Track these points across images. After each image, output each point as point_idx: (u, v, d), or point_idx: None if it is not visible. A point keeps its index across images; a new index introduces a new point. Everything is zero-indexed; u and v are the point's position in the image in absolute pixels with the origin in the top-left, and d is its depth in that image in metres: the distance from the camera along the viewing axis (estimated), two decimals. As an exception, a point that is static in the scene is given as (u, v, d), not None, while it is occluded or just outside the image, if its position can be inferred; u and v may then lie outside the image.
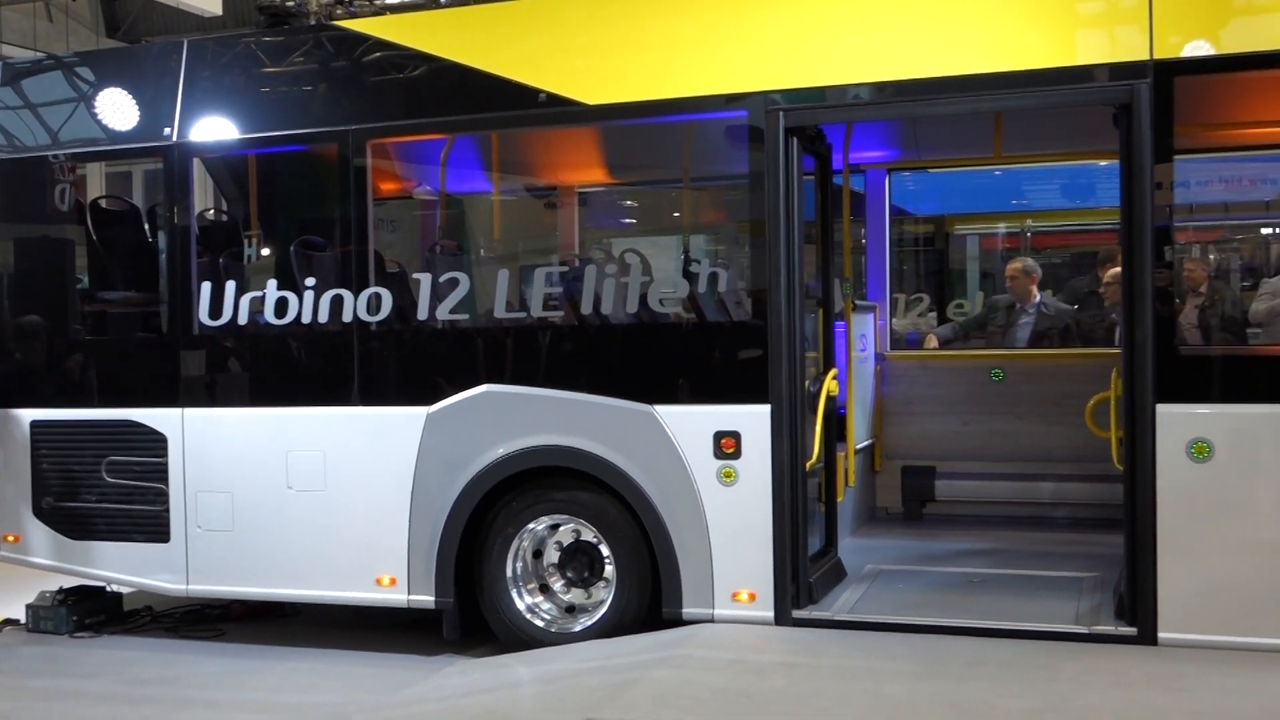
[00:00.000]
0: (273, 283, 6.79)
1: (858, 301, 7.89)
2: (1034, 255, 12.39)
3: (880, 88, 5.87)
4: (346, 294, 6.59)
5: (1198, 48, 5.42)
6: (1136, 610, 5.43)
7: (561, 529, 6.42)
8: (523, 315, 6.51)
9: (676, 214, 8.65)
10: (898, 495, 8.22)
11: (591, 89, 6.32)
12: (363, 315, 6.58)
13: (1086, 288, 9.87)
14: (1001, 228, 12.17)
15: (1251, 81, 5.86)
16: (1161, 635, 5.36)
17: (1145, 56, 5.41)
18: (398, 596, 6.50)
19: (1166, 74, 5.38)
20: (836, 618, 5.94)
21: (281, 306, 6.71)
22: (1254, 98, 6.40)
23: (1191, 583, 5.35)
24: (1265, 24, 5.47)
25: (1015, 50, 5.68)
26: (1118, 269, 6.57)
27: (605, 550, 6.28)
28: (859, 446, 7.62)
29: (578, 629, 6.30)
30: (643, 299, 6.27)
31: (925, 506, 8.19)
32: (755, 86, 6.00)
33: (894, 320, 9.67)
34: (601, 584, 6.34)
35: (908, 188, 10.47)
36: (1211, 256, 10.87)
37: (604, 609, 6.25)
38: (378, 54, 6.71)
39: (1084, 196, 10.59)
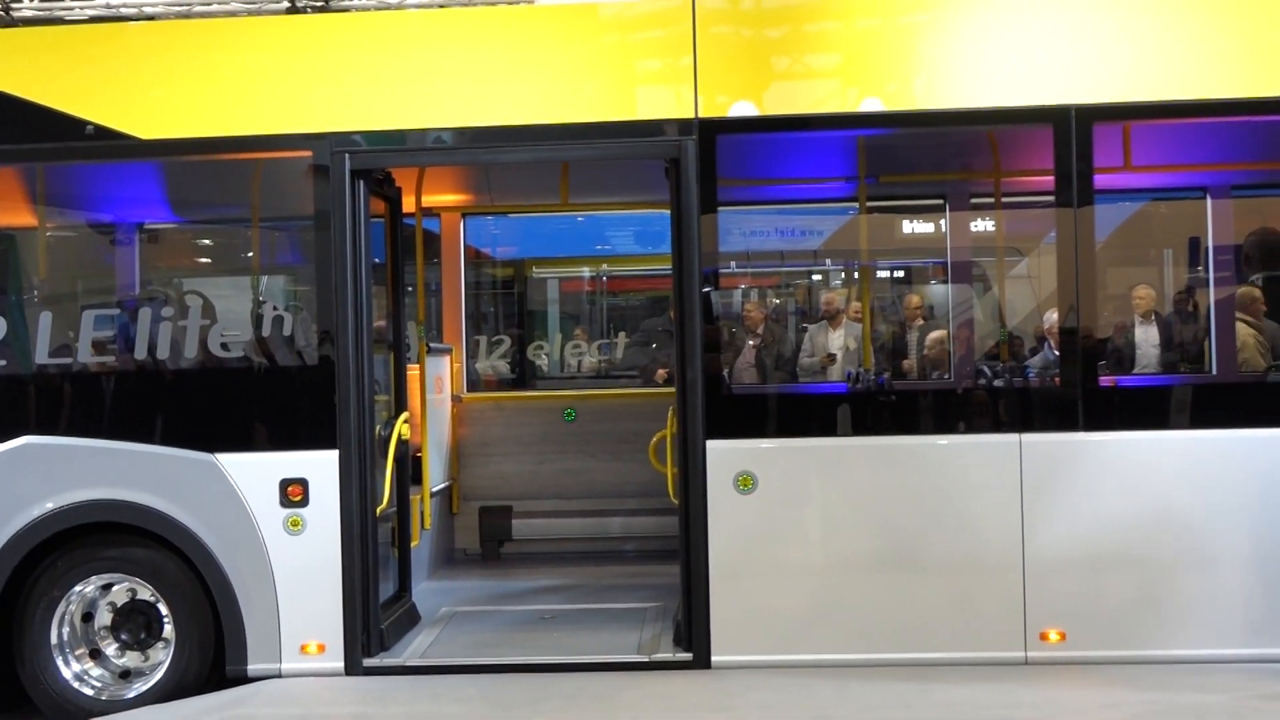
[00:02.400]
0: None
1: (433, 344, 7.91)
2: (609, 298, 12.94)
3: (448, 134, 5.95)
4: None
5: (738, 109, 5.84)
6: (692, 636, 5.73)
7: (115, 589, 5.99)
8: (68, 361, 6.06)
9: (245, 254, 8.36)
10: (476, 536, 8.29)
11: (148, 122, 6.01)
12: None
13: (660, 327, 10.38)
14: (580, 271, 12.62)
15: (787, 141, 6.40)
16: (715, 658, 5.69)
17: (691, 115, 5.78)
18: (-79, 672, 5.85)
19: (710, 132, 5.76)
20: (408, 664, 5.89)
21: None
22: (790, 156, 7.00)
23: (741, 607, 5.71)
24: (798, 89, 5.97)
25: (578, 103, 5.90)
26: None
27: (164, 609, 5.93)
28: (435, 489, 7.62)
29: (131, 695, 5.89)
30: (204, 342, 6.00)
31: (503, 546, 8.30)
32: (322, 127, 5.92)
33: (476, 363, 9.79)
34: (160, 645, 5.98)
35: (490, 231, 10.66)
36: (773, 300, 11.79)
37: (162, 671, 5.88)
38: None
39: (656, 242, 11.16)
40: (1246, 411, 5.69)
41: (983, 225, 7.99)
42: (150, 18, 7.80)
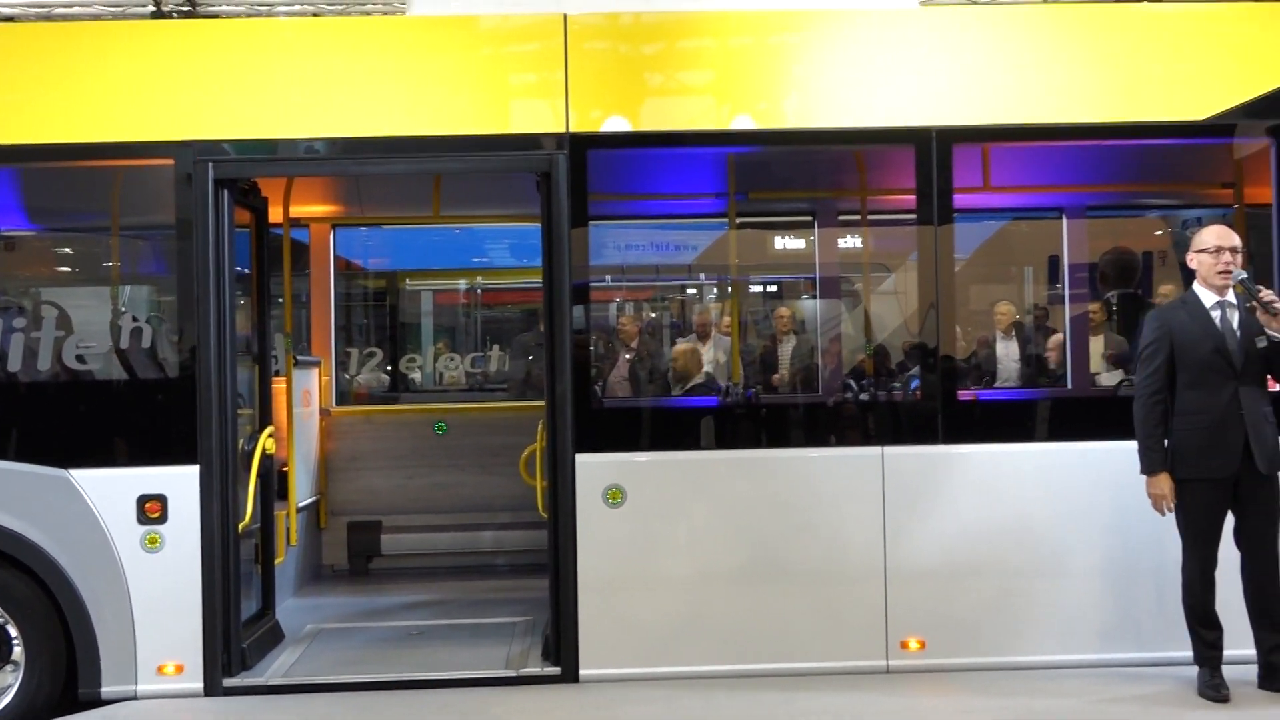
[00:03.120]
0: None
1: (300, 356, 7.78)
2: (484, 311, 12.89)
3: (319, 144, 5.86)
4: None
5: (610, 124, 5.87)
6: (561, 650, 5.73)
7: (-42, 611, 5.76)
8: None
9: (105, 264, 8.14)
10: (344, 552, 8.17)
11: (4, 127, 5.81)
12: None
13: (534, 341, 10.36)
14: (453, 283, 12.54)
15: (659, 157, 6.46)
16: (583, 672, 5.69)
17: (563, 129, 5.80)
18: None
19: (582, 146, 5.78)
20: (270, 683, 5.77)
21: None
22: (662, 171, 7.06)
23: (610, 620, 5.72)
24: (671, 106, 6.02)
25: (450, 115, 5.86)
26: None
27: (13, 631, 5.71)
28: (302, 504, 7.50)
29: (-24, 720, 5.67)
30: (58, 354, 5.82)
31: (372, 561, 8.19)
32: (184, 135, 5.78)
33: (351, 375, 9.67)
34: (9, 668, 5.75)
35: (363, 242, 10.54)
36: (651, 314, 11.86)
37: (9, 696, 5.65)
38: None
39: (532, 255, 11.15)
40: (1099, 424, 5.89)
41: (850, 242, 8.16)
42: (8, 19, 7.58)
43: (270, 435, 6.36)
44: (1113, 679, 5.55)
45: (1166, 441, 5.34)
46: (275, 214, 7.14)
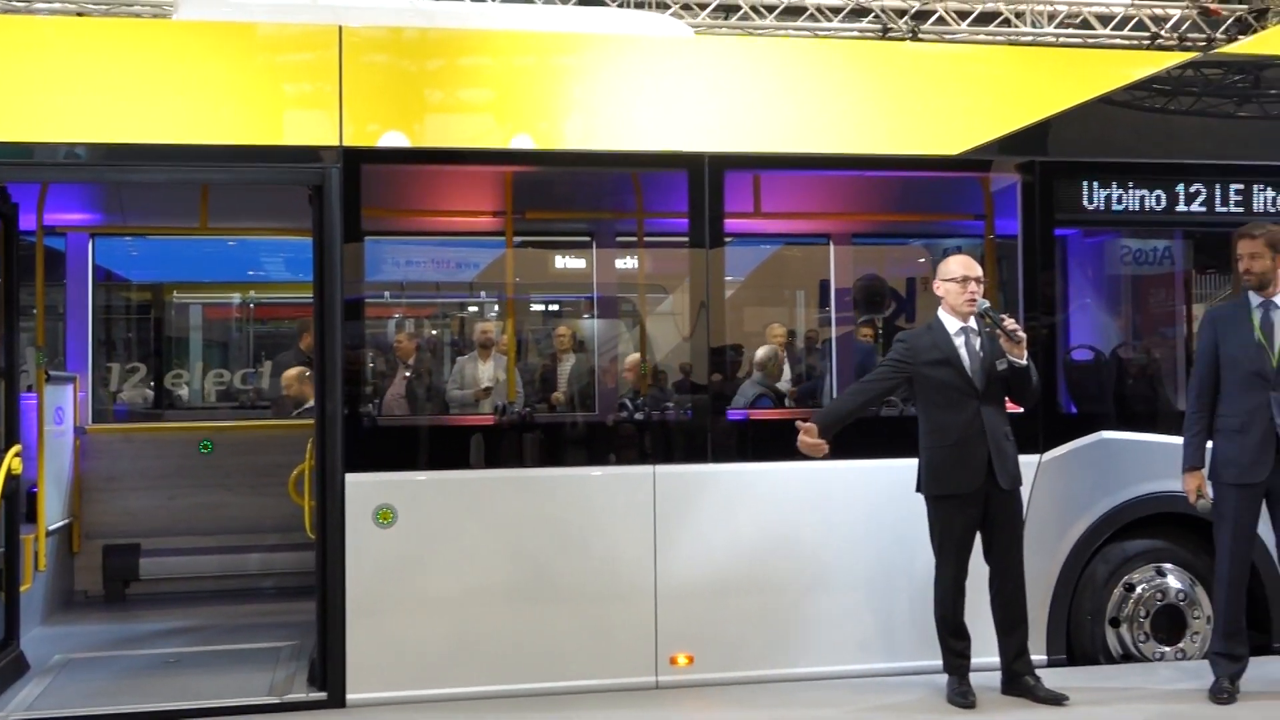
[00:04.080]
0: None
1: (53, 372, 7.39)
2: (257, 326, 12.52)
3: (77, 149, 5.57)
4: None
5: (387, 139, 5.79)
6: (327, 675, 5.59)
7: None
8: None
9: None
10: (99, 577, 7.77)
11: None
12: None
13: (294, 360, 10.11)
14: (225, 297, 12.13)
15: (436, 174, 6.42)
16: (350, 697, 5.56)
17: (335, 142, 5.69)
18: None
19: (355, 160, 5.68)
20: (12, 717, 5.43)
21: None
22: (439, 188, 7.02)
23: (379, 643, 5.62)
24: (449, 123, 5.99)
25: (220, 124, 5.66)
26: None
27: None
28: (52, 527, 7.10)
29: None
30: None
31: (129, 587, 7.82)
32: (-77, 136, 5.43)
33: (114, 391, 9.23)
34: None
35: (127, 253, 10.08)
36: (429, 331, 11.74)
37: None
38: None
39: (307, 270, 10.89)
40: (860, 443, 6.12)
41: (627, 263, 8.27)
42: None
43: (16, 455, 6.00)
44: (870, 689, 5.77)
45: (921, 460, 5.60)
46: (29, 221, 6.75)
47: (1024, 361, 5.50)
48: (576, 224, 8.09)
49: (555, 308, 10.84)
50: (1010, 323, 5.48)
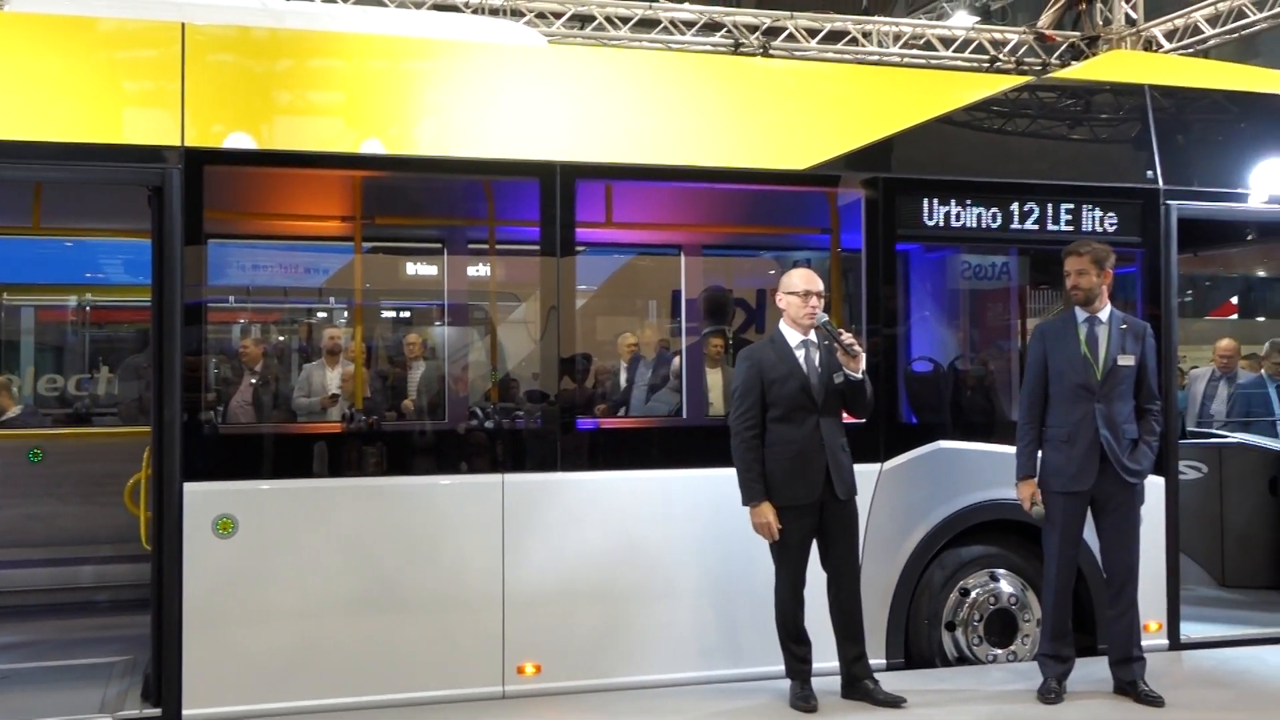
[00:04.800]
0: None
1: None
2: (94, 330, 12.08)
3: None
4: None
5: (232, 140, 5.66)
6: (162, 690, 5.42)
7: None
8: None
9: None
10: (-87, 592, 7.42)
11: None
12: None
13: (146, 363, 9.79)
14: (60, 299, 11.67)
15: (282, 177, 6.29)
16: (186, 712, 5.39)
17: (177, 143, 5.53)
18: None
19: (198, 161, 5.54)
20: None
21: None
22: (285, 191, 6.87)
23: (217, 656, 5.47)
24: (298, 125, 5.88)
25: (54, 121, 5.46)
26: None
27: None
28: None
29: None
30: None
31: (-49, 600, 7.48)
32: None
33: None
34: None
35: (-42, 254, 9.65)
36: (277, 336, 11.46)
37: None
38: None
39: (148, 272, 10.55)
40: (707, 452, 6.20)
41: (479, 270, 8.22)
42: None
43: None
44: (714, 695, 5.85)
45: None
46: None
47: (860, 376, 5.63)
48: (427, 230, 8.01)
49: (405, 315, 10.71)
50: (848, 337, 5.60)
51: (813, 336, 5.73)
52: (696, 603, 6.06)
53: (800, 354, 5.70)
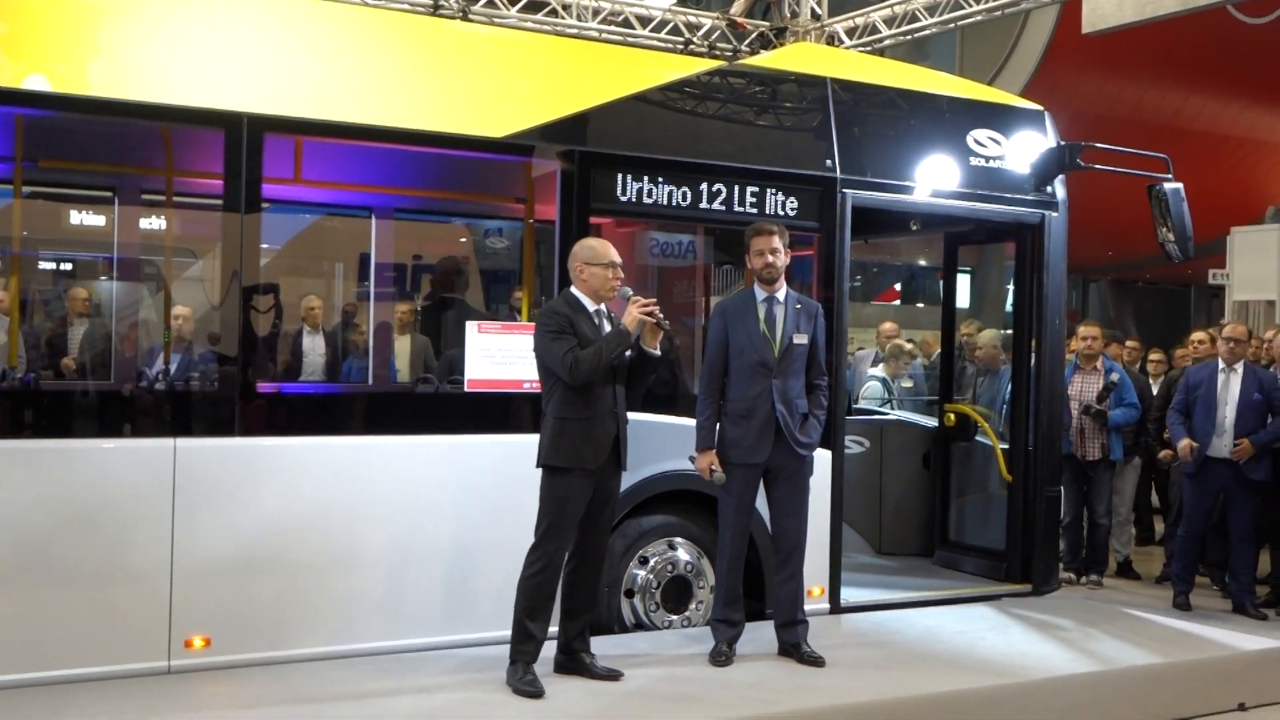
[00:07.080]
0: None
1: None
2: None
3: None
4: None
5: None
6: None
7: None
8: None
9: None
10: None
11: None
12: None
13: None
14: None
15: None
16: None
17: None
18: None
19: None
20: None
21: None
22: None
23: None
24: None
25: None
26: None
27: None
28: None
29: None
30: None
31: None
32: None
33: None
34: None
35: None
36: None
37: None
38: None
39: None
40: (398, 419, 6.09)
41: (154, 223, 7.76)
42: None
43: None
44: (388, 666, 5.73)
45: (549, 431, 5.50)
46: None
47: (658, 352, 5.60)
48: (97, 177, 7.48)
49: (69, 267, 9.99)
50: (658, 311, 5.51)
51: (604, 308, 5.61)
52: (383, 571, 5.94)
53: (598, 322, 5.56)
